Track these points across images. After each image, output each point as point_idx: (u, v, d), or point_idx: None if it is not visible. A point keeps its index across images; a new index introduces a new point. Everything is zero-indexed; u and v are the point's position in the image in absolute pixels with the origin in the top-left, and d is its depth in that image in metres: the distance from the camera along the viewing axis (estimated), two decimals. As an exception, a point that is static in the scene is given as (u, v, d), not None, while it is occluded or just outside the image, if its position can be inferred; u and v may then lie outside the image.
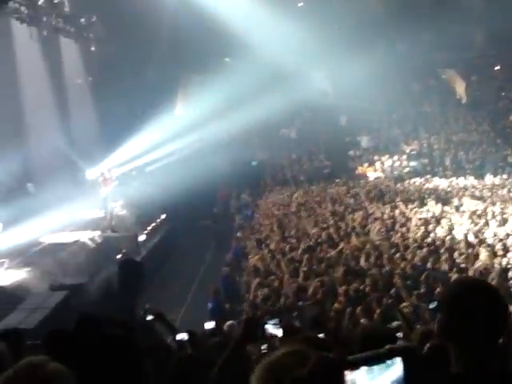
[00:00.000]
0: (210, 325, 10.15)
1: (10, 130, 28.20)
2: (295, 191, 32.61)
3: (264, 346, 6.85)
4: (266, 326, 5.94)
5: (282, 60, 35.89)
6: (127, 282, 8.53)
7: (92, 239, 24.88)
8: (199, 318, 14.53)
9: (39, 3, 29.27)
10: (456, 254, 16.77)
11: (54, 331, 7.00)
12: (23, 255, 21.68)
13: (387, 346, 2.80)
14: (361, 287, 14.33)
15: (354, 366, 2.67)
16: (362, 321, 11.64)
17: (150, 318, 7.35)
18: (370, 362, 2.74)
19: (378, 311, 12.19)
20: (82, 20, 33.37)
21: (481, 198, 26.16)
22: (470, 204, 24.33)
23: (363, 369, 2.70)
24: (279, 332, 6.25)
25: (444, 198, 26.34)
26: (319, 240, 19.93)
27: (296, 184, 35.99)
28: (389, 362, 2.75)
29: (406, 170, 36.58)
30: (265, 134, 40.34)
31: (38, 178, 29.07)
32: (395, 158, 37.91)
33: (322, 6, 38.48)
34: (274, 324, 6.08)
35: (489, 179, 32.91)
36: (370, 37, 38.92)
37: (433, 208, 23.93)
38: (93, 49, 34.95)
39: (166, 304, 16.89)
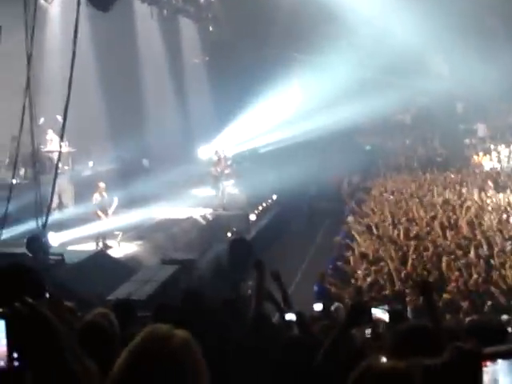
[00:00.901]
0: (318, 306, 10.15)
1: (130, 109, 28.93)
2: (408, 178, 32.10)
3: (368, 331, 6.77)
4: (374, 311, 5.87)
5: (402, 45, 35.17)
6: (236, 260, 8.61)
7: (204, 217, 25.30)
8: (306, 300, 14.52)
9: (160, -17, 29.83)
10: None
11: (162, 304, 7.15)
12: (136, 229, 22.24)
13: None
14: (471, 279, 14.00)
15: (492, 359, 2.40)
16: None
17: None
18: (509, 356, 2.45)
19: (488, 304, 11.89)
20: (202, 0, 33.72)
21: None
22: None
23: (502, 362, 2.41)
24: (386, 317, 6.17)
25: None
26: (429, 228, 19.59)
27: (409, 170, 35.42)
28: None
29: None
30: (379, 118, 39.79)
31: (153, 155, 29.71)
32: (512, 147, 36.71)
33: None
34: (381, 309, 6.00)
35: None
36: (490, 23, 37.72)
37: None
38: (211, 29, 35.29)
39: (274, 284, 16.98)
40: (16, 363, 2.40)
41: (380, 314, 6.05)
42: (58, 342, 2.43)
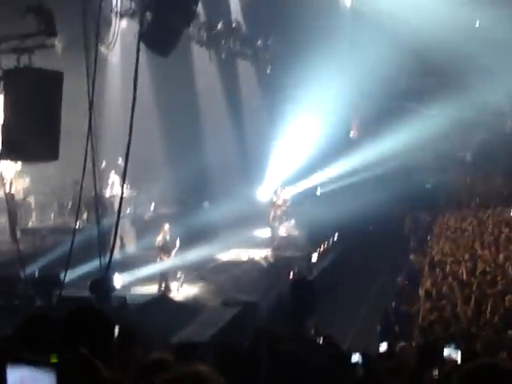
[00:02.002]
0: (383, 347, 9.94)
1: (190, 151, 29.18)
2: (470, 215, 31.60)
3: (436, 372, 6.54)
4: (445, 351, 5.66)
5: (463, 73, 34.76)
6: (298, 301, 8.47)
7: (265, 258, 25.21)
8: (369, 340, 14.27)
9: (218, 27, 30.13)
10: None
11: (225, 345, 7.04)
12: (198, 270, 22.25)
13: None
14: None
15: None
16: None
17: (320, 339, 7.20)
18: None
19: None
20: (259, 42, 33.99)
21: None
22: None
23: None
24: (457, 356, 5.94)
25: None
26: (492, 265, 19.22)
27: (471, 207, 34.86)
28: None
29: None
30: (439, 156, 39.42)
31: (213, 196, 29.85)
32: None
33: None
34: (452, 348, 5.78)
35: None
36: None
37: None
38: (268, 71, 35.50)
39: (337, 324, 16.74)
40: None
41: (451, 352, 5.83)
42: None
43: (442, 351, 5.53)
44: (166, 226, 20.46)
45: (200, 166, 29.59)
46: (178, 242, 20.55)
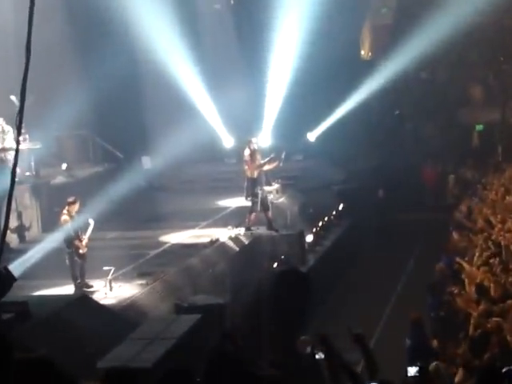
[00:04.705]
0: (412, 370, 10.00)
1: (121, 80, 29.17)
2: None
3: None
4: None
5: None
6: (287, 303, 8.52)
7: (236, 240, 25.09)
8: (393, 359, 14.40)
9: None
10: None
11: (176, 373, 7.05)
12: (136, 261, 22.22)
13: None
14: None
15: None
16: None
17: (319, 355, 7.28)
18: None
19: None
20: None
21: None
22: None
23: None
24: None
25: None
26: None
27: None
28: None
29: None
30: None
31: (156, 149, 29.92)
32: None
33: None
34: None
35: None
36: None
37: None
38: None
39: (345, 336, 16.92)
40: None
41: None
42: None
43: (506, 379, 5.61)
44: (71, 199, 20.21)
45: (136, 106, 29.59)
46: (91, 223, 20.38)
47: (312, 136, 36.06)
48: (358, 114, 35.14)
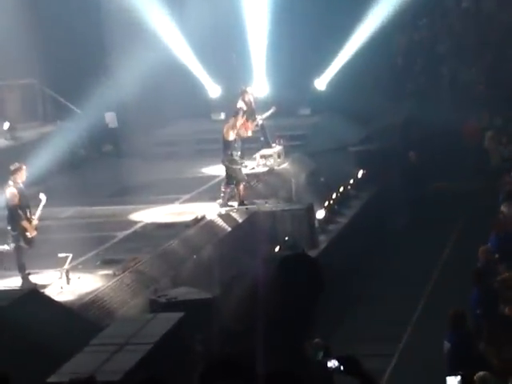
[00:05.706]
0: (452, 381, 9.96)
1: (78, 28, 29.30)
2: None
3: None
4: None
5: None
6: (292, 296, 8.41)
7: (226, 217, 25.08)
8: (429, 365, 14.38)
9: None
10: None
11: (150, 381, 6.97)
12: (101, 246, 22.18)
13: None
14: None
15: None
16: None
17: (332, 363, 7.20)
18: None
19: None
20: None
21: None
22: None
23: None
24: None
25: None
26: None
27: None
28: None
29: None
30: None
31: (126, 105, 29.98)
32: None
33: None
34: None
35: None
36: None
37: None
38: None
39: (370, 331, 16.86)
40: None
41: None
42: None
43: None
44: (16, 166, 20.08)
45: (97, 48, 29.67)
46: (42, 196, 20.35)
47: (321, 83, 35.99)
48: (379, 53, 35.18)
